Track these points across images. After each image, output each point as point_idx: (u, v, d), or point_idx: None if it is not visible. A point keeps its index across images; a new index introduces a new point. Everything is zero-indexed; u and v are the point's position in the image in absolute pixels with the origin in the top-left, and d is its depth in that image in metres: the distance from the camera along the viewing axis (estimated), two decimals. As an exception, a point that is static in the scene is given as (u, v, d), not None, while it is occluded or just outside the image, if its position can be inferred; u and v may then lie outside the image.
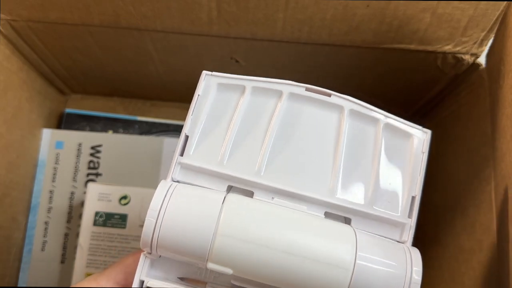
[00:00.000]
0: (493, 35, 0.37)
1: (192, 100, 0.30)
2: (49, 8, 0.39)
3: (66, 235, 0.50)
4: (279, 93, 0.30)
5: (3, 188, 0.44)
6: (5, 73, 0.42)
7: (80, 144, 0.51)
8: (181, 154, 0.29)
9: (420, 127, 0.30)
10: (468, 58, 0.39)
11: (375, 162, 0.29)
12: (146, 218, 0.26)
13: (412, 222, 0.29)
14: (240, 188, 0.29)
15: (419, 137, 0.30)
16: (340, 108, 0.30)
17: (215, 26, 0.39)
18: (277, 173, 0.29)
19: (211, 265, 0.26)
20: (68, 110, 0.55)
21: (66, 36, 0.43)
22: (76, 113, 0.55)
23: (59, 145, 0.51)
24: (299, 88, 0.30)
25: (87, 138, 0.52)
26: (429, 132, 0.30)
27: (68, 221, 0.50)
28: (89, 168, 0.51)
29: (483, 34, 0.37)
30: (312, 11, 0.36)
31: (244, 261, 0.26)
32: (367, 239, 0.27)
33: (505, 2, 0.34)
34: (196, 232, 0.26)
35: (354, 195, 0.29)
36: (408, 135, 0.30)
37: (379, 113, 0.30)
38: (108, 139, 0.52)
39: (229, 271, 0.26)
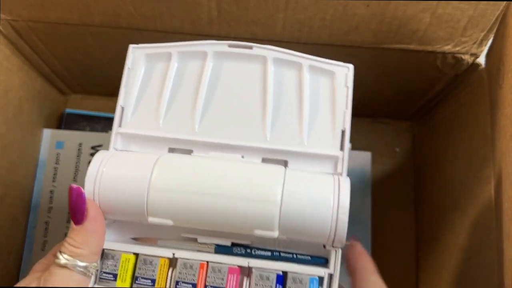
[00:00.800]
0: (493, 35, 0.37)
1: (123, 73, 0.32)
2: (49, 8, 0.39)
3: (66, 235, 0.50)
4: (204, 54, 0.32)
5: (3, 188, 0.44)
6: (6, 73, 0.42)
7: (80, 144, 0.51)
8: (120, 125, 0.31)
9: (341, 63, 0.32)
10: (467, 58, 0.39)
11: (303, 103, 0.31)
12: (85, 184, 0.28)
13: (344, 155, 0.30)
14: (180, 149, 0.31)
15: (342, 73, 0.31)
16: (263, 58, 0.32)
17: (215, 26, 0.39)
18: (211, 129, 0.31)
19: (151, 219, 0.28)
20: (69, 110, 0.55)
21: (66, 36, 0.43)
22: (76, 113, 0.55)
23: (59, 145, 0.51)
24: (222, 46, 0.32)
25: (88, 138, 0.52)
26: (351, 66, 0.32)
27: (68, 221, 0.50)
28: (89, 168, 0.51)
29: (482, 34, 0.37)
30: (312, 11, 0.37)
31: (180, 211, 0.28)
32: (295, 174, 0.29)
33: (505, 2, 0.34)
34: (132, 190, 0.28)
35: (287, 138, 0.31)
36: (331, 73, 0.31)
37: (301, 56, 0.31)
38: (108, 139, 0.52)
39: (169, 222, 0.28)
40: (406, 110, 0.54)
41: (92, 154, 0.51)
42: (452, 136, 0.45)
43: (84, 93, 0.57)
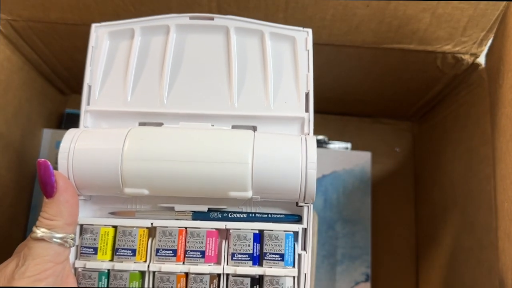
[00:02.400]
0: (493, 35, 0.37)
1: (87, 52, 0.32)
2: (49, 8, 0.39)
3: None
4: (167, 28, 0.33)
5: (3, 188, 0.44)
6: (6, 73, 0.42)
7: (80, 144, 0.51)
8: (88, 104, 0.32)
9: (300, 28, 0.33)
10: (467, 58, 0.39)
11: (267, 69, 0.32)
12: (58, 160, 0.29)
13: (309, 116, 0.31)
14: (150, 122, 0.32)
15: (302, 37, 0.32)
16: (225, 28, 0.33)
17: (215, 26, 0.39)
18: (179, 101, 0.32)
19: (127, 190, 0.29)
20: (68, 110, 0.55)
21: (67, 36, 0.43)
22: (76, 113, 0.55)
23: (59, 145, 0.51)
24: (184, 18, 0.33)
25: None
26: (309, 30, 0.32)
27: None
28: (89, 168, 0.51)
29: (482, 34, 0.37)
30: (312, 11, 0.37)
31: (155, 179, 0.29)
32: (264, 136, 0.30)
33: (505, 2, 0.34)
34: (106, 163, 0.29)
35: (254, 104, 0.32)
36: (291, 38, 0.32)
37: (262, 24, 0.33)
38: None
39: (145, 191, 0.29)
40: (406, 110, 0.54)
41: (92, 154, 0.51)
42: (452, 136, 0.45)
43: (84, 93, 0.57)
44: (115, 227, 0.30)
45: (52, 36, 0.43)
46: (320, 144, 0.51)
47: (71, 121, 0.55)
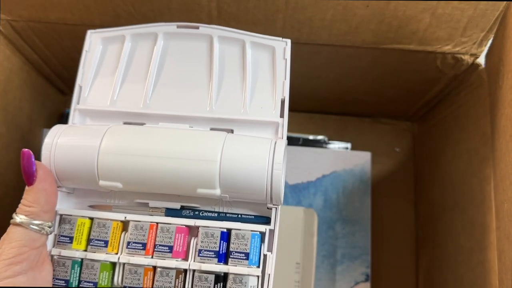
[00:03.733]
0: (493, 36, 0.37)
1: (81, 56, 0.35)
2: (49, 8, 0.39)
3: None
4: (155, 35, 0.35)
5: (3, 188, 0.44)
6: (6, 73, 0.42)
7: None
8: (78, 103, 0.34)
9: (280, 39, 0.34)
10: (467, 58, 0.39)
11: (246, 76, 0.34)
12: (41, 153, 0.31)
13: (284, 121, 0.32)
14: (133, 122, 0.34)
15: (281, 47, 0.34)
16: (209, 37, 0.34)
17: (215, 26, 0.39)
18: (161, 103, 0.34)
19: (102, 183, 0.30)
20: (69, 110, 0.55)
21: (67, 36, 0.43)
22: (76, 113, 0.55)
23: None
24: (171, 27, 0.34)
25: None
26: (288, 41, 0.34)
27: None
28: (89, 168, 0.51)
29: (482, 34, 0.37)
30: (312, 12, 0.37)
31: (128, 173, 0.30)
32: (235, 137, 0.31)
33: (505, 2, 0.34)
34: (84, 155, 0.30)
35: (231, 108, 0.33)
36: (271, 48, 0.34)
37: (244, 34, 0.34)
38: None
39: (118, 185, 0.30)
40: (406, 110, 0.54)
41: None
42: (452, 136, 0.45)
43: (84, 93, 0.57)
44: (91, 219, 0.32)
45: (52, 36, 0.43)
46: (320, 144, 0.51)
47: (71, 121, 0.55)
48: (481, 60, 0.39)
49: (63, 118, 0.55)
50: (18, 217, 0.29)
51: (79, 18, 0.40)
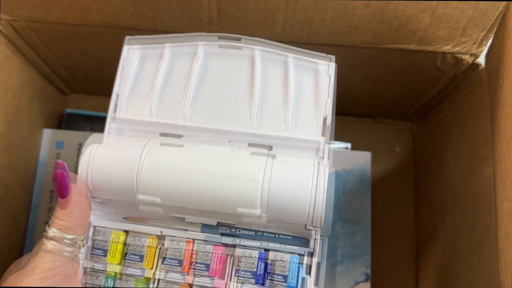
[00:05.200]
0: (493, 35, 0.37)
1: (119, 63, 0.34)
2: (49, 8, 0.39)
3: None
4: (195, 49, 0.34)
5: (3, 188, 0.44)
6: (6, 73, 0.42)
7: (80, 144, 0.51)
8: (114, 111, 0.34)
9: (324, 55, 0.34)
10: (467, 58, 0.39)
11: (288, 93, 0.33)
12: (79, 163, 0.30)
13: (325, 140, 0.32)
14: (170, 133, 0.33)
15: (325, 63, 0.33)
16: (251, 50, 0.34)
17: (215, 26, 0.39)
18: (200, 116, 0.33)
19: (141, 197, 0.30)
20: (69, 110, 0.55)
21: (67, 36, 0.43)
22: (76, 113, 0.55)
23: (59, 145, 0.51)
24: (212, 43, 0.34)
25: (88, 138, 0.52)
26: (333, 57, 0.33)
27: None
28: (90, 168, 0.51)
29: (482, 34, 0.37)
30: (312, 12, 0.37)
31: (169, 188, 0.29)
32: (278, 156, 0.31)
33: (504, 2, 0.34)
34: (124, 168, 0.30)
35: (272, 124, 0.33)
36: (315, 64, 0.33)
37: (287, 48, 0.34)
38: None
39: (157, 200, 0.30)
40: (406, 110, 0.54)
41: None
42: (452, 136, 0.45)
43: (84, 93, 0.57)
44: (126, 232, 0.31)
45: (52, 36, 0.43)
46: (320, 144, 0.51)
47: (71, 121, 0.55)
48: (481, 60, 0.39)
49: (63, 118, 0.55)
50: (51, 231, 0.28)
51: (79, 18, 0.40)
